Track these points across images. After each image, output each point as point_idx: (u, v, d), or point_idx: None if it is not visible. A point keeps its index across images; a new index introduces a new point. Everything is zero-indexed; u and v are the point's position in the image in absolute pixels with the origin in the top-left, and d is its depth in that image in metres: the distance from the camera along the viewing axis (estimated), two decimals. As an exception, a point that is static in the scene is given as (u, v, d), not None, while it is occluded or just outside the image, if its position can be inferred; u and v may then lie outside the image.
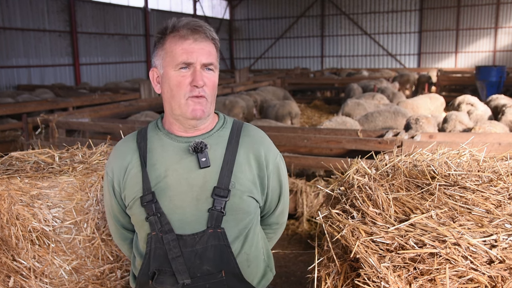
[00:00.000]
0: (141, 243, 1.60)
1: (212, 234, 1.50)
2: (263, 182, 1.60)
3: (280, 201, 1.72)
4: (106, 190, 1.66)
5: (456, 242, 1.25)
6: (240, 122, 1.66)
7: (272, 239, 1.83)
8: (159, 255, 1.52)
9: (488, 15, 24.65)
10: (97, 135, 6.48)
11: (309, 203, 4.92)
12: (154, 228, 1.51)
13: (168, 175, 1.52)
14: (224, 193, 1.50)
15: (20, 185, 2.24)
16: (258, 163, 1.58)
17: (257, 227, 1.66)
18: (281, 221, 1.80)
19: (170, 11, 24.46)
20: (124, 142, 1.65)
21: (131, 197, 1.55)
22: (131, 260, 1.71)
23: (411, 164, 1.89)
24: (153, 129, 1.62)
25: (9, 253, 2.31)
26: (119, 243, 1.77)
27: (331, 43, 28.27)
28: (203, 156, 1.50)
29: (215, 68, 1.53)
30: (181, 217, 1.51)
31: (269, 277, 1.70)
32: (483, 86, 13.51)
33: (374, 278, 1.29)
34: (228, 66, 29.76)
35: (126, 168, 1.57)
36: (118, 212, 1.66)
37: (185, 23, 1.48)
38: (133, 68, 21.63)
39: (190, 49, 1.47)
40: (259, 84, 13.85)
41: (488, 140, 4.47)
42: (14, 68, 15.89)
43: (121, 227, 1.71)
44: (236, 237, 1.55)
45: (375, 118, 7.76)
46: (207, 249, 1.50)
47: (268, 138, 1.68)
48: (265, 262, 1.70)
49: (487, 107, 8.51)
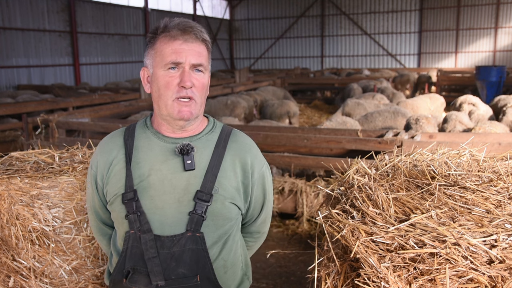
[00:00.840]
0: (119, 240, 1.58)
1: (190, 237, 1.48)
2: (247, 189, 1.59)
3: (263, 210, 1.70)
4: (89, 184, 1.64)
5: (456, 242, 1.25)
6: (229, 128, 1.65)
7: (252, 248, 1.81)
8: (135, 254, 1.50)
9: (488, 15, 24.65)
10: (97, 135, 6.47)
11: (309, 203, 4.93)
12: (132, 227, 1.49)
13: (151, 174, 1.51)
14: (206, 197, 1.48)
15: (20, 185, 2.24)
16: (244, 170, 1.57)
17: (237, 234, 1.65)
18: (263, 230, 1.78)
19: (170, 11, 24.44)
20: (111, 137, 1.64)
21: (113, 193, 1.54)
22: (108, 256, 1.70)
23: (411, 164, 1.89)
24: (142, 127, 1.61)
25: (9, 253, 2.31)
26: (98, 238, 1.75)
27: (331, 43, 28.27)
28: (188, 158, 1.49)
29: (205, 70, 1.52)
30: (161, 218, 1.49)
31: (245, 285, 1.69)
32: (483, 86, 13.51)
33: (374, 278, 1.29)
34: (228, 66, 29.76)
35: (110, 164, 1.56)
36: (99, 207, 1.65)
37: (176, 23, 1.48)
38: (133, 68, 21.61)
39: (179, 49, 1.46)
40: (259, 84, 13.84)
41: (488, 140, 4.47)
42: (14, 68, 15.88)
43: (101, 222, 1.69)
44: (214, 242, 1.54)
45: (375, 118, 7.75)
46: (184, 252, 1.48)
47: (256, 146, 1.66)
48: (243, 270, 1.68)
49: (488, 107, 8.49)
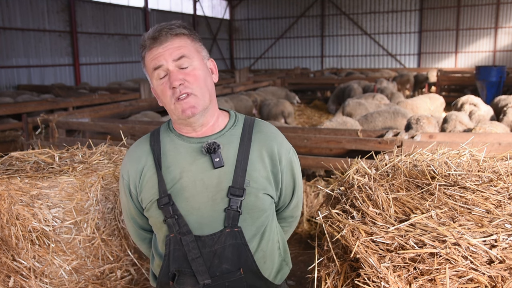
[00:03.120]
0: (160, 244, 1.61)
1: (229, 233, 1.51)
2: (277, 177, 1.61)
3: (294, 195, 1.73)
4: (123, 193, 1.67)
5: (456, 242, 1.25)
6: (251, 119, 1.66)
7: (287, 232, 1.85)
8: (179, 256, 1.53)
9: (488, 15, 24.64)
10: (97, 135, 6.48)
11: (309, 203, 4.92)
12: (172, 230, 1.52)
13: (183, 176, 1.53)
14: (239, 192, 1.50)
15: (20, 185, 2.24)
16: (272, 159, 1.59)
17: (273, 223, 1.67)
18: (296, 214, 1.81)
19: (170, 11, 24.43)
20: (138, 145, 1.66)
21: (148, 200, 1.56)
22: (150, 259, 1.73)
23: (411, 164, 1.89)
24: (165, 130, 1.64)
25: (9, 253, 2.31)
26: (138, 243, 1.79)
27: (331, 43, 28.26)
28: (216, 156, 1.51)
29: (191, 60, 1.50)
30: (198, 218, 1.52)
31: (285, 271, 1.71)
32: (483, 86, 13.50)
33: (374, 278, 1.29)
34: (228, 66, 29.75)
35: (141, 171, 1.58)
36: (135, 214, 1.68)
37: (149, 35, 1.50)
38: (133, 68, 21.60)
39: (156, 54, 1.48)
40: (259, 84, 13.83)
41: (488, 140, 4.47)
42: (14, 68, 15.87)
43: (139, 228, 1.72)
44: (253, 235, 1.57)
45: (375, 118, 7.73)
46: (225, 249, 1.51)
47: (280, 134, 1.68)
48: (281, 256, 1.71)
49: (489, 107, 8.47)
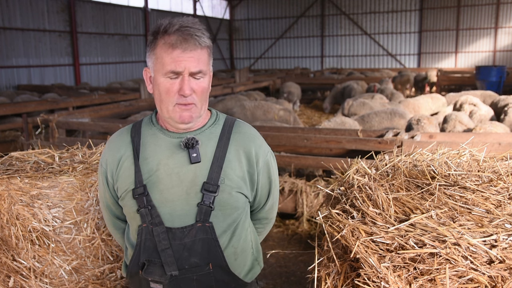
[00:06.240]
0: (132, 234, 1.65)
1: (200, 228, 1.55)
2: (253, 178, 1.64)
3: (269, 197, 1.76)
4: (100, 181, 1.71)
5: (456, 242, 1.25)
6: (232, 119, 1.69)
7: (261, 233, 1.88)
8: (149, 246, 1.57)
9: (488, 15, 24.65)
10: (97, 135, 6.48)
11: (309, 203, 4.92)
12: (145, 220, 1.56)
13: (159, 169, 1.57)
14: (213, 188, 1.54)
15: (20, 185, 2.24)
16: (248, 160, 1.62)
17: (246, 222, 1.70)
18: (270, 216, 1.85)
19: (170, 11, 24.43)
20: (118, 135, 1.69)
21: (124, 189, 1.60)
22: (123, 249, 1.77)
23: (411, 164, 1.89)
24: (147, 123, 1.67)
25: (9, 253, 2.31)
26: (112, 232, 1.83)
27: (331, 43, 28.26)
28: (194, 151, 1.55)
29: (205, 75, 1.54)
30: (171, 211, 1.56)
31: (256, 270, 1.75)
32: (483, 86, 13.52)
33: (374, 278, 1.29)
34: (228, 66, 29.75)
35: (119, 161, 1.62)
36: (111, 202, 1.72)
37: (176, 29, 1.48)
38: (133, 68, 21.61)
39: (178, 58, 1.48)
40: (259, 84, 13.83)
41: (488, 140, 4.47)
42: (14, 68, 15.87)
43: (114, 216, 1.76)
44: (224, 231, 1.60)
45: (371, 118, 7.72)
46: (195, 242, 1.55)
47: (260, 136, 1.71)
48: (254, 255, 1.74)
49: (489, 108, 8.45)
